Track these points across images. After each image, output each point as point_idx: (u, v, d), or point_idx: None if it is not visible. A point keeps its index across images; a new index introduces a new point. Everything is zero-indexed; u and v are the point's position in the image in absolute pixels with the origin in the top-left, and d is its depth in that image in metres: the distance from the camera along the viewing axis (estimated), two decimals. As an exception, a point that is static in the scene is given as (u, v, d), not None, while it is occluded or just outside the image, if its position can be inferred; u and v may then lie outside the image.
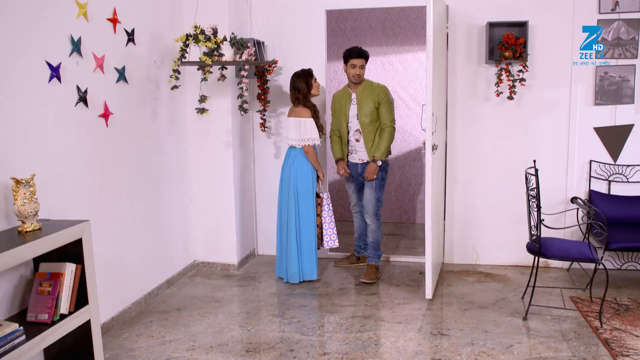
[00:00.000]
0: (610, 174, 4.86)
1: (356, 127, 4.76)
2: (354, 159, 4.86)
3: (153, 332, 3.84)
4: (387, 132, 4.67)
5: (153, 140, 4.39)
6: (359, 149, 4.80)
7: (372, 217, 4.82)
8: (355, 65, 4.68)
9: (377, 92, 4.69)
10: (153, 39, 4.32)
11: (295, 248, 4.65)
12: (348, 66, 4.71)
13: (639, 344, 3.54)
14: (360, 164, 4.83)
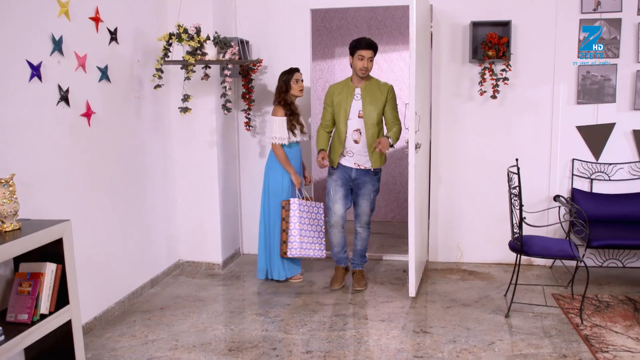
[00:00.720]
0: (593, 173, 4.91)
1: (356, 126, 4.36)
2: (348, 162, 4.43)
3: (136, 331, 3.83)
4: (397, 126, 4.38)
5: (137, 140, 4.37)
6: (356, 151, 4.39)
7: (365, 226, 4.58)
8: (364, 57, 4.25)
9: (385, 91, 4.36)
10: (136, 38, 4.31)
11: (263, 244, 4.69)
12: (355, 58, 4.29)
13: (618, 340, 3.58)
14: (355, 169, 4.42)
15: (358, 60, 4.27)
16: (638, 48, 4.70)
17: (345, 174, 4.45)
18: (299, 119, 4.61)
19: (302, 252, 4.54)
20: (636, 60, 4.72)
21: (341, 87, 4.46)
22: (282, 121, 4.51)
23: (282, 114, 4.52)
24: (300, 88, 4.59)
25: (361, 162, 4.41)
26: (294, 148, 4.64)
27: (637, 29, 4.68)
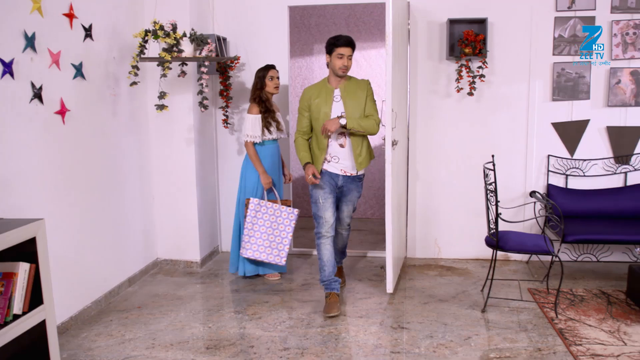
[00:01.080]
0: (568, 168, 4.97)
1: (341, 129, 4.05)
2: (334, 168, 4.12)
3: (113, 330, 3.80)
4: (372, 120, 4.03)
5: (113, 137, 4.33)
6: (342, 157, 4.10)
7: (347, 227, 4.44)
8: (343, 55, 3.96)
9: (364, 87, 4.10)
10: (112, 35, 4.26)
11: (236, 240, 4.70)
12: (333, 57, 3.99)
13: (592, 333, 3.64)
14: (342, 176, 4.13)
15: (337, 59, 3.99)
16: (611, 46, 4.76)
17: (332, 181, 4.13)
18: (274, 116, 4.57)
19: (255, 254, 4.48)
20: (609, 58, 4.79)
21: (317, 89, 4.13)
22: (255, 119, 4.47)
23: (256, 111, 4.48)
24: (275, 85, 4.55)
25: (348, 169, 4.12)
26: (269, 146, 4.60)
27: (611, 26, 4.75)
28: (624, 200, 4.81)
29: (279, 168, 4.74)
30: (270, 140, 4.58)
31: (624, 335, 3.62)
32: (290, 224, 4.53)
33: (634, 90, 4.80)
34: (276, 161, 4.67)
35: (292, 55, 6.60)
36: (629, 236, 4.38)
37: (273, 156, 4.63)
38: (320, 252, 4.15)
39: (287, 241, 4.53)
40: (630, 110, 4.84)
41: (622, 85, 4.80)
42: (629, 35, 4.73)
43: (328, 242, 4.14)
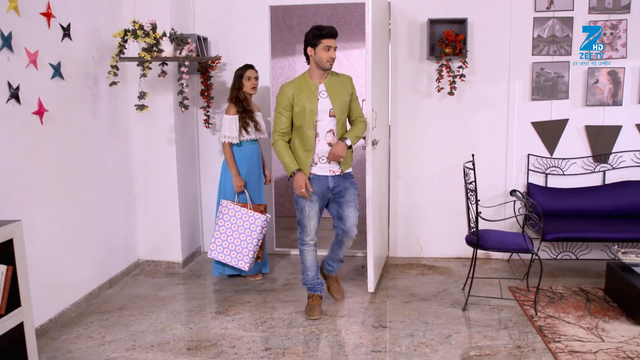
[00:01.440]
0: (547, 167, 5.02)
1: (329, 126, 3.81)
2: (322, 170, 3.87)
3: (93, 332, 3.77)
4: (363, 123, 3.96)
5: (92, 137, 4.30)
6: None
7: (354, 237, 4.07)
8: (330, 47, 3.72)
9: (348, 83, 3.93)
10: (91, 34, 4.23)
11: None
12: (319, 49, 3.72)
13: (570, 330, 3.68)
14: (331, 176, 3.88)
15: (324, 52, 3.70)
16: (589, 46, 4.83)
17: (322, 185, 3.86)
18: (253, 116, 4.52)
19: (223, 257, 4.47)
20: (587, 58, 4.84)
21: (298, 86, 3.82)
22: (232, 119, 4.44)
23: (233, 112, 4.45)
24: (252, 85, 4.50)
25: (336, 168, 3.89)
26: (247, 146, 4.56)
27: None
28: (603, 199, 4.87)
29: (259, 169, 4.70)
30: (248, 140, 4.55)
31: (601, 331, 3.67)
32: (258, 229, 4.46)
33: (611, 90, 4.86)
34: (255, 162, 4.64)
35: (275, 55, 6.60)
36: (607, 234, 4.44)
37: (252, 157, 4.60)
38: (304, 258, 4.05)
39: (252, 247, 4.45)
40: (608, 110, 4.90)
41: (600, 85, 4.86)
42: (607, 36, 4.79)
43: (312, 249, 4.03)
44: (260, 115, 4.66)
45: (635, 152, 4.94)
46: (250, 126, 4.50)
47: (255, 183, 4.66)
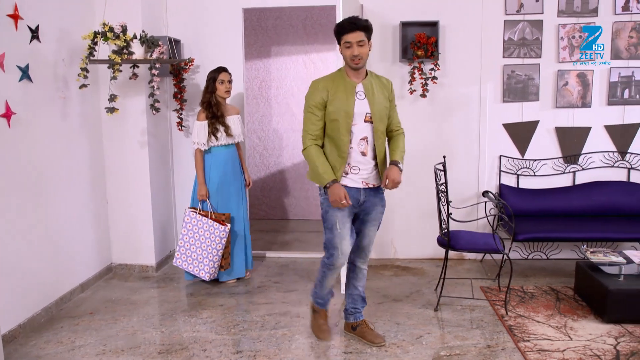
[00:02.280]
0: (519, 169, 5.08)
1: (363, 133, 3.30)
2: (355, 182, 3.36)
3: (63, 337, 3.73)
4: (403, 136, 3.52)
5: (63, 141, 4.26)
6: (363, 166, 3.34)
7: (367, 260, 3.62)
8: (351, 44, 3.20)
9: (389, 87, 3.45)
10: (61, 36, 4.19)
11: None
12: (342, 47, 3.27)
13: (540, 329, 3.73)
14: (364, 189, 3.38)
15: (346, 49, 3.24)
16: (558, 48, 4.89)
17: (353, 199, 3.35)
18: (224, 121, 4.46)
19: (186, 265, 4.48)
20: (557, 60, 4.91)
21: (334, 83, 3.32)
22: (201, 125, 4.41)
23: (202, 117, 4.43)
24: (226, 89, 4.47)
25: (369, 180, 3.38)
26: (220, 152, 4.52)
27: (557, 30, 4.87)
28: (573, 199, 4.94)
29: (237, 174, 4.64)
30: (221, 146, 4.52)
31: (570, 330, 3.72)
32: (217, 239, 4.43)
33: (580, 92, 4.93)
34: (230, 167, 4.58)
35: (250, 58, 6.59)
36: (577, 234, 4.51)
37: (226, 162, 4.56)
38: (325, 280, 3.55)
39: (212, 257, 4.44)
40: (578, 112, 4.98)
41: (569, 87, 4.93)
42: (575, 39, 4.86)
43: (337, 273, 3.55)
44: (235, 118, 4.59)
45: (604, 153, 5.02)
46: (220, 132, 4.44)
47: (233, 188, 4.60)
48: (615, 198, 4.92)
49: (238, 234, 4.66)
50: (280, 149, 6.76)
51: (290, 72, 6.64)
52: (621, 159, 5.02)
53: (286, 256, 5.43)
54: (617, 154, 5.02)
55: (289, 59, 6.62)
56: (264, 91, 6.68)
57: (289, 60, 6.62)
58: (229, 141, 4.52)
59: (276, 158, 6.79)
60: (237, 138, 4.59)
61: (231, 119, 4.54)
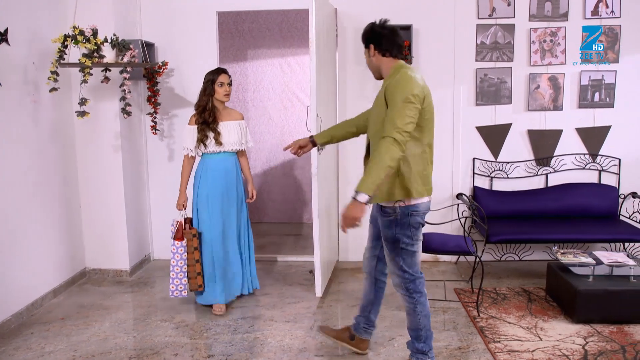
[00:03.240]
0: (492, 171, 5.13)
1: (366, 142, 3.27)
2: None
3: (32, 344, 3.69)
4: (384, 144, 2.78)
5: (33, 145, 4.22)
6: None
7: (398, 288, 3.17)
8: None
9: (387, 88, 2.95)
10: (31, 40, 4.16)
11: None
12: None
13: (510, 330, 3.76)
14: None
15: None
16: (530, 52, 4.95)
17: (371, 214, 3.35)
18: (215, 127, 4.03)
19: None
20: (528, 64, 4.97)
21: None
22: (189, 130, 4.06)
23: (192, 121, 4.06)
24: (225, 92, 4.05)
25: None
26: (212, 160, 4.09)
27: (529, 34, 4.93)
28: (545, 201, 5.00)
29: (231, 185, 4.15)
30: (213, 154, 4.09)
31: (540, 330, 3.76)
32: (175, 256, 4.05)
33: (552, 95, 5.00)
34: (222, 179, 4.11)
35: (226, 61, 6.58)
36: (548, 235, 4.57)
37: (219, 173, 4.09)
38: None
39: (174, 274, 4.08)
40: (549, 115, 5.04)
41: (541, 90, 4.99)
42: (546, 42, 4.92)
43: (364, 279, 3.49)
44: (234, 125, 4.14)
45: (576, 155, 5.08)
46: (209, 139, 4.02)
47: (227, 201, 4.13)
48: (587, 200, 4.99)
49: (229, 253, 4.17)
50: (258, 152, 6.76)
51: (266, 76, 6.64)
52: (592, 161, 5.09)
53: (261, 259, 5.41)
54: (589, 156, 5.09)
55: (266, 62, 6.62)
56: (241, 94, 6.67)
57: (265, 64, 6.62)
58: (220, 149, 4.08)
59: (253, 161, 6.78)
60: (230, 146, 4.09)
61: (227, 125, 4.10)
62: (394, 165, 2.79)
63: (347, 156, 5.18)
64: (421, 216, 3.02)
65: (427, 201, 3.03)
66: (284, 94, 6.63)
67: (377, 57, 3.10)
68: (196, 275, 4.08)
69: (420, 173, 2.97)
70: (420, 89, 2.88)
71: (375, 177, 2.75)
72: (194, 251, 4.06)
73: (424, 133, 2.95)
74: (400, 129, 2.76)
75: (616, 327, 3.79)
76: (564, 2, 4.88)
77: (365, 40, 3.17)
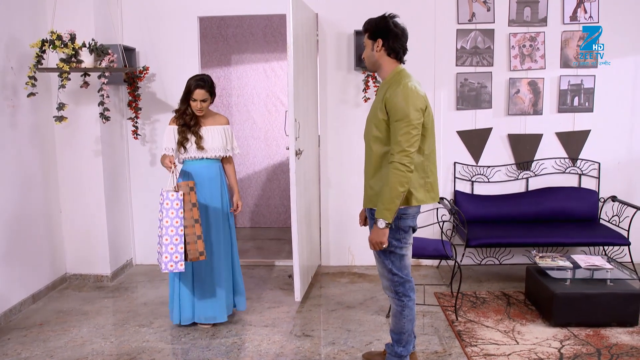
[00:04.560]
0: (473, 175, 5.15)
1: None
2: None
3: (9, 350, 3.68)
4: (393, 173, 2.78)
5: (11, 150, 4.20)
6: None
7: (387, 291, 3.19)
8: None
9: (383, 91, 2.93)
10: (9, 44, 4.15)
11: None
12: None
13: (488, 334, 3.78)
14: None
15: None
16: (509, 57, 4.98)
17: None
18: (196, 130, 3.79)
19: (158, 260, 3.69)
20: (508, 69, 5.00)
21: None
22: (169, 130, 3.82)
23: (172, 122, 3.84)
24: (198, 108, 3.76)
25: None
26: (193, 167, 3.84)
27: (508, 39, 4.97)
28: (525, 205, 5.03)
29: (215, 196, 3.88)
30: (194, 160, 3.84)
31: (517, 334, 3.78)
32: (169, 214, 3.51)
33: (532, 100, 5.03)
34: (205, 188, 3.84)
35: (210, 66, 6.59)
36: (528, 239, 4.60)
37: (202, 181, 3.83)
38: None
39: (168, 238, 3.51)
40: (529, 119, 5.07)
41: (521, 94, 5.02)
42: (526, 47, 4.96)
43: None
44: (218, 129, 3.89)
45: (556, 160, 5.11)
46: (189, 142, 3.78)
47: (213, 214, 3.86)
48: (567, 203, 5.02)
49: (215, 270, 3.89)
50: (242, 156, 6.75)
51: (250, 80, 6.64)
52: (572, 165, 5.12)
53: (244, 264, 5.40)
54: (569, 160, 5.13)
55: (250, 67, 6.62)
56: (225, 99, 6.67)
57: (249, 69, 6.63)
58: (203, 155, 3.83)
59: (238, 166, 6.77)
60: (213, 152, 3.85)
61: (211, 129, 3.85)
62: (405, 189, 2.81)
63: (328, 162, 5.19)
64: (411, 219, 3.03)
65: (418, 205, 3.01)
66: (268, 98, 6.64)
67: (381, 54, 2.98)
68: (196, 240, 3.55)
69: (422, 182, 2.97)
70: (422, 100, 2.86)
71: (388, 204, 2.81)
72: (193, 208, 3.52)
73: (424, 142, 2.93)
74: (407, 151, 2.77)
75: (593, 331, 3.81)
76: (543, 8, 4.92)
77: (373, 33, 2.99)
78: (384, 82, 2.99)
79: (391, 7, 4.95)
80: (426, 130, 2.92)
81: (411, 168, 2.80)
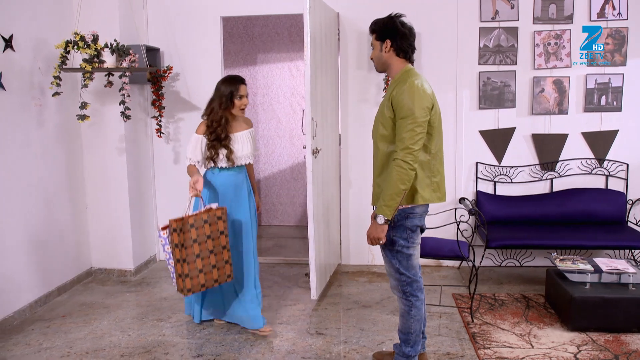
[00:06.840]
0: (496, 175, 5.08)
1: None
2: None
3: (31, 340, 3.80)
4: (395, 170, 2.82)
5: (38, 148, 4.34)
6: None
7: (394, 290, 3.18)
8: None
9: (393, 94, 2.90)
10: (37, 45, 4.28)
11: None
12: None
13: (503, 337, 3.73)
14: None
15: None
16: (534, 55, 4.89)
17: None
18: (227, 144, 3.63)
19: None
20: (532, 67, 4.91)
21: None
22: (196, 139, 3.64)
23: (201, 130, 3.65)
24: (244, 105, 3.72)
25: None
26: (221, 175, 3.73)
27: (533, 37, 4.88)
28: (549, 206, 4.93)
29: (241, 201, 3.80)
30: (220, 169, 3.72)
31: (533, 338, 3.72)
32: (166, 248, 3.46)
33: (557, 99, 4.93)
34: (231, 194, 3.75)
35: (236, 65, 6.66)
36: (549, 241, 4.50)
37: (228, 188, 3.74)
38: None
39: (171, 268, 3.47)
40: (554, 118, 4.97)
41: (545, 93, 4.93)
42: (551, 45, 4.86)
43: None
44: (246, 135, 3.79)
45: (582, 160, 5.00)
46: (218, 156, 3.65)
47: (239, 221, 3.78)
48: (593, 205, 4.90)
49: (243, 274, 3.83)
50: (267, 155, 6.81)
51: (276, 80, 6.69)
52: (599, 166, 5.00)
53: (265, 262, 5.45)
54: (595, 161, 5.01)
55: (275, 67, 6.67)
56: (250, 98, 6.73)
57: (274, 68, 6.67)
58: (230, 164, 3.69)
59: (263, 164, 6.84)
60: (242, 161, 3.75)
61: (240, 136, 3.74)
62: (407, 187, 2.82)
63: (348, 162, 5.19)
64: (418, 219, 3.02)
65: (424, 204, 3.01)
66: (293, 97, 6.68)
67: (390, 54, 3.00)
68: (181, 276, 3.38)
69: (428, 181, 2.96)
70: (428, 99, 2.86)
71: (389, 201, 2.83)
72: (174, 249, 3.34)
73: (431, 141, 2.93)
74: (411, 149, 2.78)
75: (612, 336, 3.72)
76: (569, 4, 4.82)
77: (381, 33, 2.99)
78: (393, 81, 3.02)
79: (413, 6, 4.95)
80: (433, 128, 2.91)
81: (414, 166, 2.80)
